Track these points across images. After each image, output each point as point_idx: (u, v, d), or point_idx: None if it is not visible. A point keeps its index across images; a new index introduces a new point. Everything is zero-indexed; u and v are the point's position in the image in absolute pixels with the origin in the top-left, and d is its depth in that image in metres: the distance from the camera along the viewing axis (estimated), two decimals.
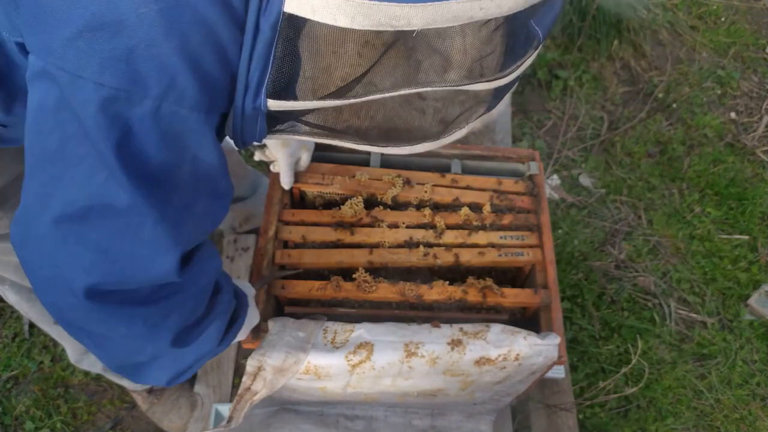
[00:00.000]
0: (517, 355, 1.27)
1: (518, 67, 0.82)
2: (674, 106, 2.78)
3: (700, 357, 2.16)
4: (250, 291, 1.23)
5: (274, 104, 0.80)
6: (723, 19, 3.10)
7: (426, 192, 1.46)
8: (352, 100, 0.81)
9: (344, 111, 0.86)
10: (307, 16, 0.70)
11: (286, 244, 1.44)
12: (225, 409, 1.72)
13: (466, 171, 1.57)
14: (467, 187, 1.50)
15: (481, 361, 1.28)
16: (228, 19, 0.72)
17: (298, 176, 1.45)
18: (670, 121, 2.74)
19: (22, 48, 0.78)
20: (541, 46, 0.84)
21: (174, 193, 0.79)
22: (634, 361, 1.88)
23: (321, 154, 1.51)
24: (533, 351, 1.27)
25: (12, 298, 1.46)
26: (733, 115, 2.80)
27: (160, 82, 0.71)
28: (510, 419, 1.80)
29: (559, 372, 1.82)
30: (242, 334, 1.19)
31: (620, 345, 2.15)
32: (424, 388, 1.39)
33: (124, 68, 0.69)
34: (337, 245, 1.41)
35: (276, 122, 0.87)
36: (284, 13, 0.70)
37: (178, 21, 0.68)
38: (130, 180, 0.73)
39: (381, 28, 0.70)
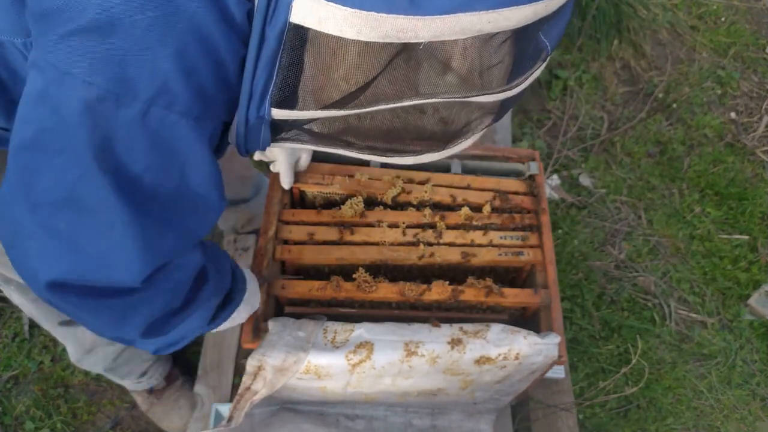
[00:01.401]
0: (517, 354, 1.27)
1: (526, 79, 0.82)
2: (674, 106, 2.78)
3: (700, 357, 2.16)
4: (250, 276, 1.19)
5: (278, 113, 0.80)
6: (723, 19, 3.10)
7: (426, 192, 1.46)
8: (356, 111, 0.80)
9: (348, 120, 0.86)
10: (313, 27, 0.69)
11: (286, 244, 1.44)
12: (225, 409, 1.72)
13: (466, 171, 1.58)
14: (467, 187, 1.50)
15: (481, 360, 1.28)
16: (225, 28, 0.71)
17: (298, 176, 1.45)
18: (670, 121, 2.74)
19: (27, 48, 0.79)
20: (549, 58, 0.84)
21: (155, 201, 0.78)
22: (634, 361, 1.88)
23: (321, 154, 1.51)
24: (533, 350, 1.27)
25: (17, 299, 1.46)
26: (733, 115, 2.80)
27: (151, 86, 0.70)
28: (510, 419, 1.79)
29: (559, 372, 1.82)
30: (241, 317, 1.16)
31: (620, 345, 2.15)
32: (425, 387, 1.39)
33: (116, 70, 0.69)
34: (337, 244, 1.41)
35: (280, 131, 0.87)
36: (290, 23, 0.70)
37: (173, 29, 0.68)
38: (105, 178, 0.72)
39: (387, 40, 0.69)
